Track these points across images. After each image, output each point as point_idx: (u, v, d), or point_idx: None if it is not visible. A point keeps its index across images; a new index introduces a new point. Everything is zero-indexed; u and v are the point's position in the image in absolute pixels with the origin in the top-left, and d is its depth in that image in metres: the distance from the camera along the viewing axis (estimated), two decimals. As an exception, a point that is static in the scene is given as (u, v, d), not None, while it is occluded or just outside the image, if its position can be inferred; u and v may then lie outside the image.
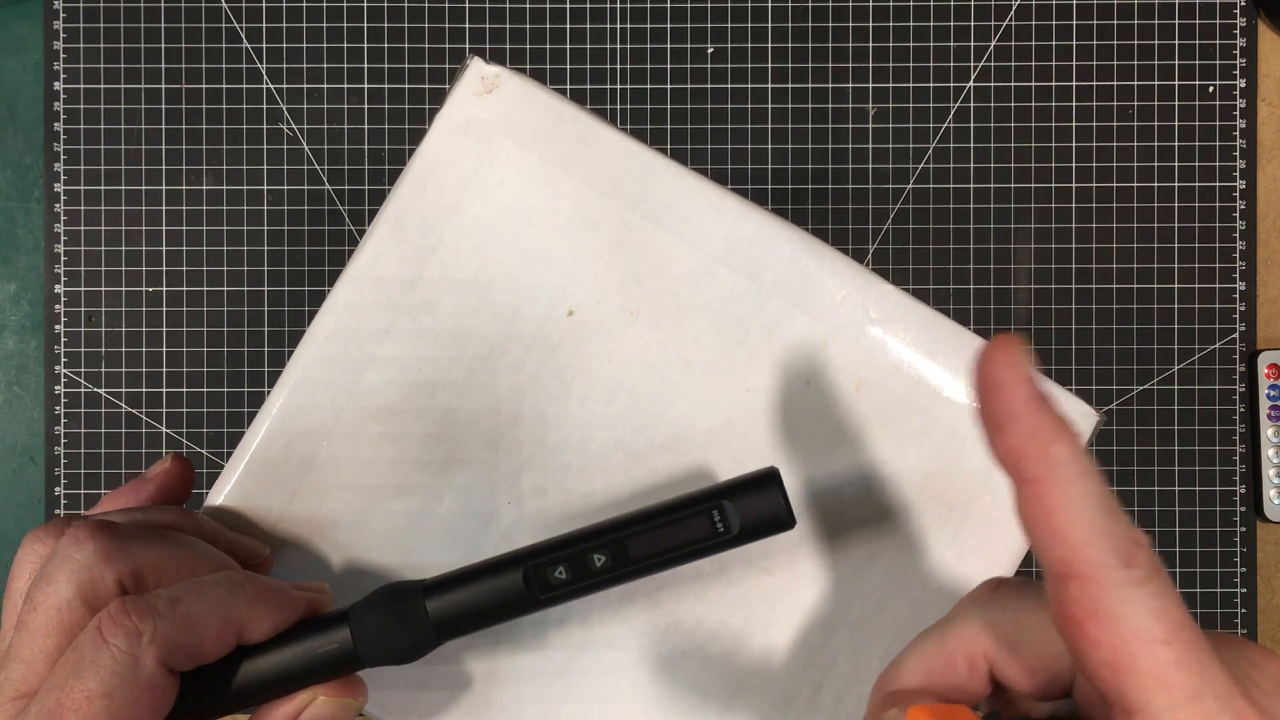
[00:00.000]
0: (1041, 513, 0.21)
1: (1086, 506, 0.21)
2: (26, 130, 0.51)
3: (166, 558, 0.25)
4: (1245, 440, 0.51)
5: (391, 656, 0.26)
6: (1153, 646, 0.20)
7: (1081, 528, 0.21)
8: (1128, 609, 0.20)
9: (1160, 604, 0.20)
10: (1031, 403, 0.21)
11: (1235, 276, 0.51)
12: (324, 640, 0.26)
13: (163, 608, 0.24)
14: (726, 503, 0.26)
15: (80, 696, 0.23)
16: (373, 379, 0.30)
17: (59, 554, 0.25)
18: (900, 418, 0.30)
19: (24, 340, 0.51)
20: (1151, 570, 0.21)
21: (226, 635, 0.25)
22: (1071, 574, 0.21)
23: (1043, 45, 0.51)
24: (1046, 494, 0.21)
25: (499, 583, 0.26)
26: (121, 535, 0.25)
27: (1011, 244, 0.51)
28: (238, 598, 0.25)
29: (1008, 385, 0.21)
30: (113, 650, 0.23)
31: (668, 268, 0.30)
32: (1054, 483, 0.21)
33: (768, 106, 0.51)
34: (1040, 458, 0.21)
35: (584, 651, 0.30)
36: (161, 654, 0.23)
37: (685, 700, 0.30)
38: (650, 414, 0.30)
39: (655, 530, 0.26)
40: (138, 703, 0.23)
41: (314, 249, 0.50)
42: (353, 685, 0.27)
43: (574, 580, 0.26)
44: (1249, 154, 0.51)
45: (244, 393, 0.50)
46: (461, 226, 0.30)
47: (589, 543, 0.26)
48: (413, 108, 0.51)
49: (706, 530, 0.26)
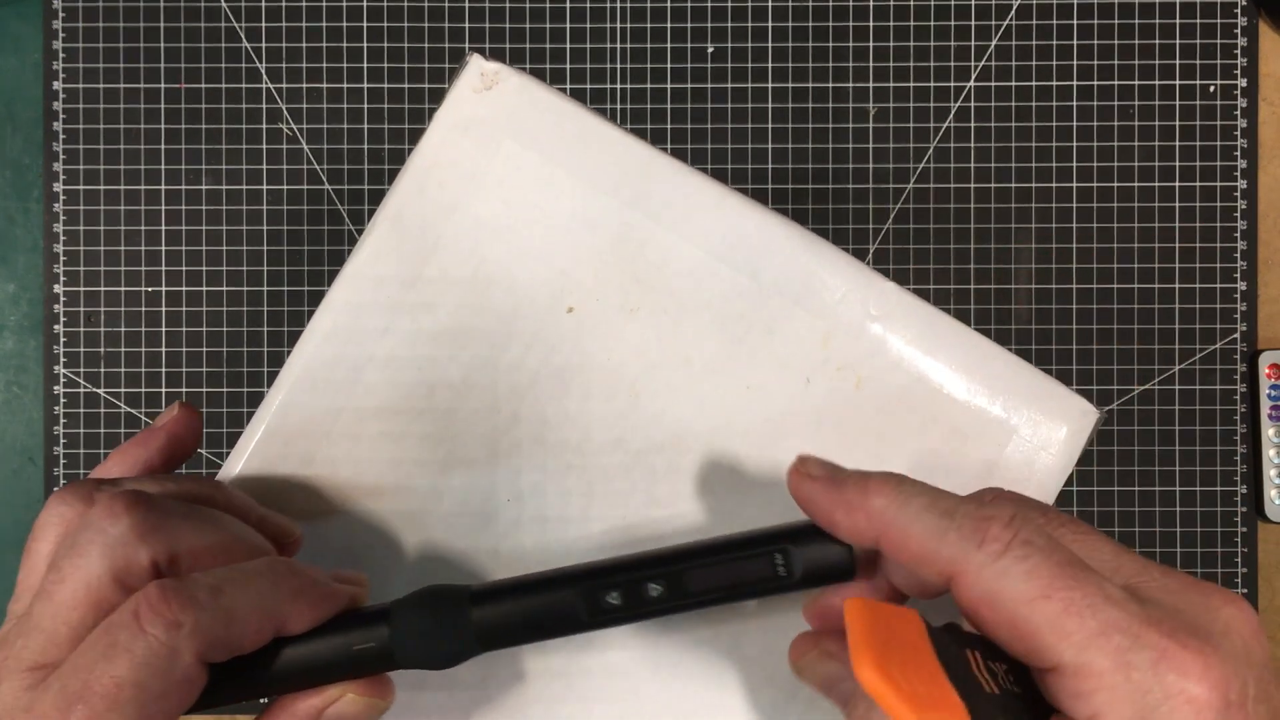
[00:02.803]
0: (899, 549, 0.23)
1: (922, 520, 0.23)
2: (26, 130, 0.51)
3: (202, 536, 0.24)
4: (1246, 440, 0.51)
5: (429, 661, 0.25)
6: (1036, 605, 0.21)
7: (929, 539, 0.22)
8: (1002, 582, 0.21)
9: (1026, 565, 0.21)
10: (828, 491, 0.24)
11: (1236, 276, 0.51)
12: (361, 637, 0.25)
13: (204, 598, 0.23)
14: (792, 548, 0.25)
15: (110, 682, 0.22)
16: (372, 378, 0.30)
17: (92, 525, 0.24)
18: (900, 415, 0.30)
19: (23, 340, 0.51)
20: (1007, 537, 0.22)
21: (266, 629, 0.24)
22: (947, 577, 0.22)
23: (1043, 45, 0.51)
24: (890, 535, 0.23)
25: (550, 600, 0.26)
26: (157, 510, 0.24)
27: (1011, 244, 0.51)
28: (280, 591, 0.24)
29: (806, 494, 0.25)
30: (150, 639, 0.22)
31: (668, 266, 0.30)
32: (888, 524, 0.23)
33: (768, 106, 0.51)
34: (868, 517, 0.24)
35: (584, 651, 0.30)
36: (200, 648, 0.23)
37: (685, 700, 0.30)
38: (650, 413, 0.30)
39: (714, 567, 0.25)
40: (167, 695, 0.22)
41: (314, 249, 0.50)
42: (382, 685, 0.26)
43: (627, 607, 0.25)
44: (1250, 154, 0.51)
45: (244, 393, 0.50)
46: (461, 225, 0.30)
47: (646, 571, 0.26)
48: (413, 108, 0.51)
49: (766, 572, 0.25)
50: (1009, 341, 0.50)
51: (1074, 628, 0.21)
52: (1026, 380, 0.30)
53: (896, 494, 0.23)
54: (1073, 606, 0.21)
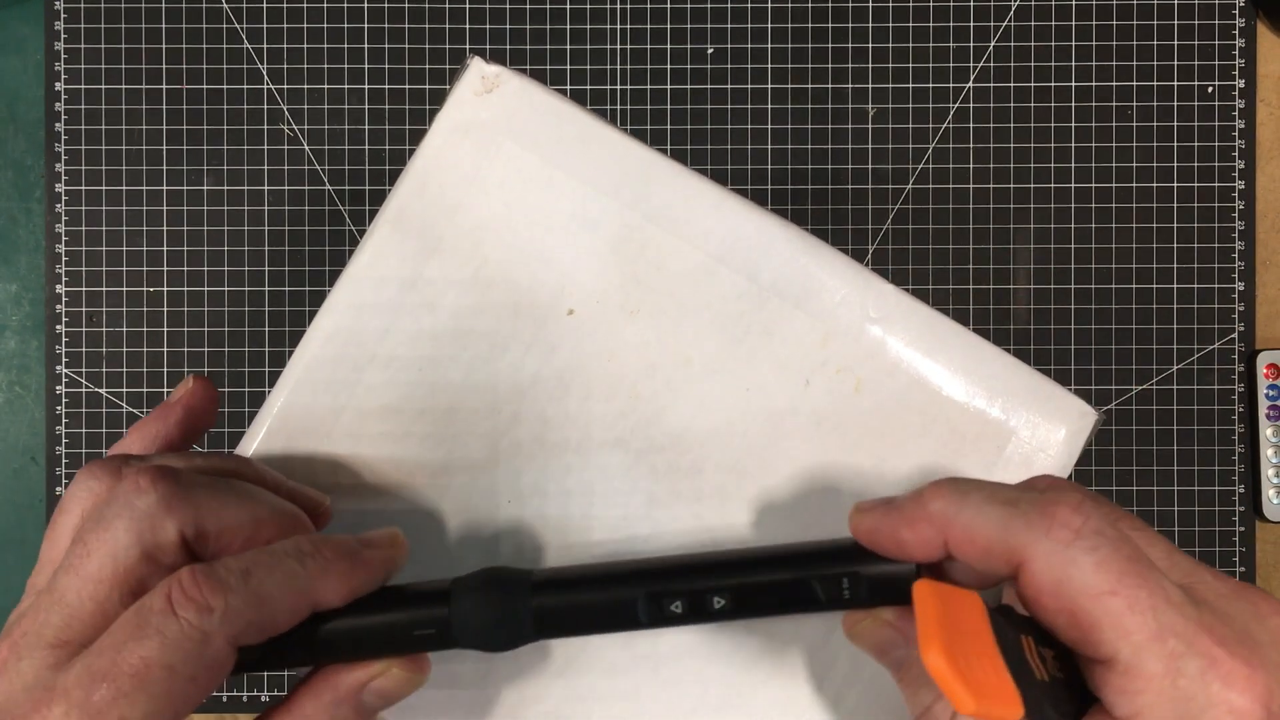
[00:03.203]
0: (967, 546, 0.23)
1: (984, 513, 0.23)
2: (27, 130, 0.51)
3: (230, 509, 0.24)
4: (1244, 440, 0.51)
5: (486, 644, 0.25)
6: (1102, 600, 0.21)
7: (995, 530, 0.22)
8: (1070, 571, 0.21)
9: (1095, 556, 0.21)
10: (888, 515, 0.24)
11: (1234, 276, 0.51)
12: (422, 616, 0.25)
13: (234, 582, 0.23)
14: (861, 571, 0.25)
15: (139, 661, 0.22)
16: (373, 379, 0.30)
17: (119, 500, 0.23)
18: (899, 416, 0.30)
19: (25, 340, 0.51)
20: (1077, 523, 0.22)
21: (300, 608, 0.24)
22: (1014, 566, 0.22)
23: (1042, 45, 0.51)
24: (956, 533, 0.23)
25: (611, 597, 0.25)
26: (184, 484, 0.24)
27: (1011, 244, 0.51)
28: (309, 568, 0.24)
29: (869, 526, 0.25)
30: (182, 623, 0.22)
31: (667, 267, 0.30)
32: (950, 523, 0.23)
33: (768, 107, 0.51)
34: (930, 524, 0.23)
35: (584, 652, 0.30)
36: (231, 633, 0.22)
37: (685, 700, 0.30)
38: (650, 413, 0.30)
39: (780, 585, 0.25)
40: (195, 679, 0.22)
41: (314, 249, 0.51)
42: (421, 661, 0.26)
43: (688, 615, 0.25)
44: (1248, 154, 0.51)
45: (244, 393, 0.50)
46: (462, 226, 0.30)
47: (711, 581, 0.25)
48: (413, 108, 0.51)
49: (832, 593, 0.25)
50: (1007, 342, 0.51)
51: (1134, 627, 0.21)
52: (1025, 381, 0.30)
53: (953, 493, 0.23)
54: (1137, 605, 0.21)
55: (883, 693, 0.29)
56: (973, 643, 0.21)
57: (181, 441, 0.28)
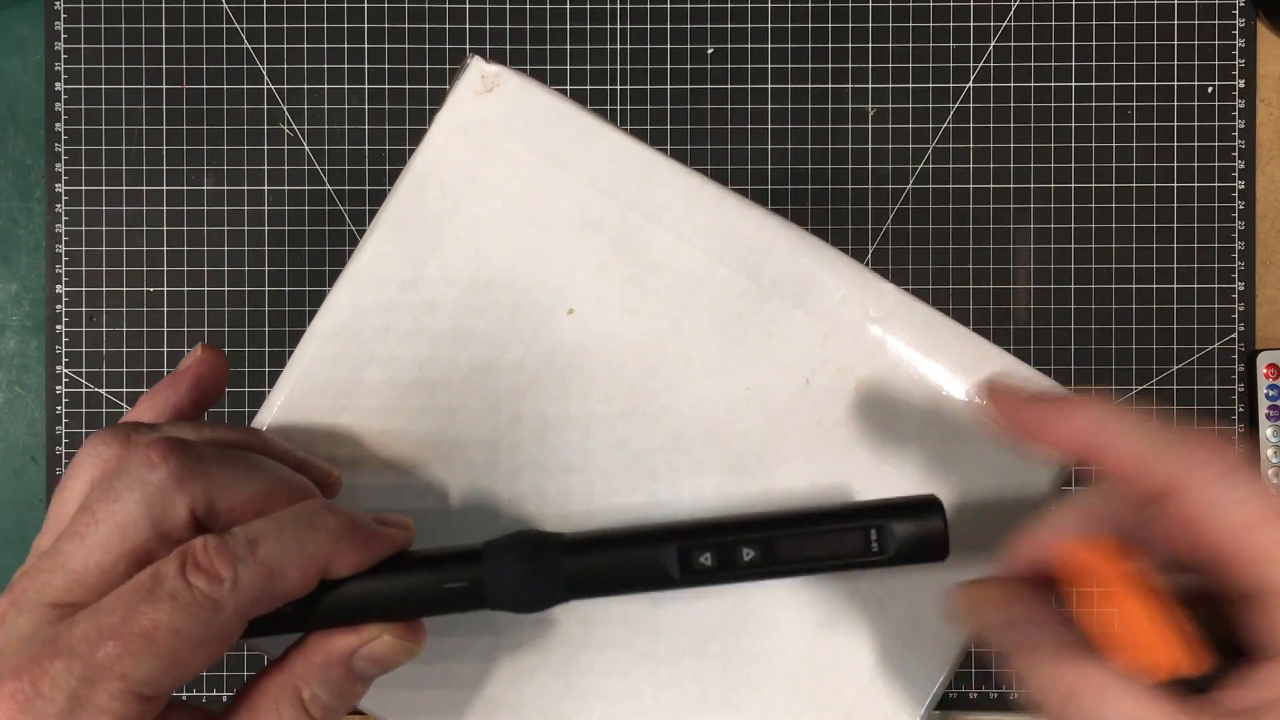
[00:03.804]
0: (1112, 460, 0.23)
1: (1135, 435, 0.23)
2: (27, 131, 0.51)
3: (240, 482, 0.24)
4: (1244, 440, 0.51)
5: (520, 604, 0.26)
6: (1252, 531, 0.21)
7: (1146, 452, 0.23)
8: (1219, 504, 0.22)
9: (1241, 491, 0.22)
10: (1033, 403, 0.25)
11: (1234, 277, 0.51)
12: (454, 575, 0.25)
13: (243, 553, 0.23)
14: (888, 524, 0.25)
15: (149, 622, 0.22)
16: (373, 378, 0.30)
17: (129, 472, 0.23)
18: (899, 416, 0.30)
19: (25, 340, 0.51)
20: (1222, 461, 0.22)
21: (309, 575, 0.24)
22: (1159, 494, 0.22)
23: (1042, 45, 0.51)
24: (1102, 445, 0.23)
25: (643, 555, 0.26)
26: (195, 457, 0.24)
27: (1011, 244, 0.51)
28: (319, 535, 0.24)
29: (1012, 407, 0.25)
30: (194, 592, 0.22)
31: (667, 267, 0.30)
32: (1098, 434, 0.23)
33: (768, 107, 0.51)
34: (1080, 428, 0.24)
35: (584, 651, 0.30)
36: (242, 604, 0.23)
37: (685, 700, 0.30)
38: (650, 413, 0.30)
39: (808, 537, 0.26)
40: (201, 646, 0.22)
41: (314, 249, 0.51)
42: (417, 630, 0.26)
43: (718, 569, 0.26)
44: (1248, 154, 0.51)
45: (244, 392, 0.50)
46: (461, 226, 0.30)
47: (740, 535, 0.26)
48: (413, 108, 0.51)
49: (859, 546, 0.25)
50: (1008, 342, 0.51)
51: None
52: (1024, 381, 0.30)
53: (1106, 407, 0.24)
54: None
55: (882, 692, 0.29)
56: (1147, 598, 0.22)
57: (192, 410, 0.28)
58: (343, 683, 0.25)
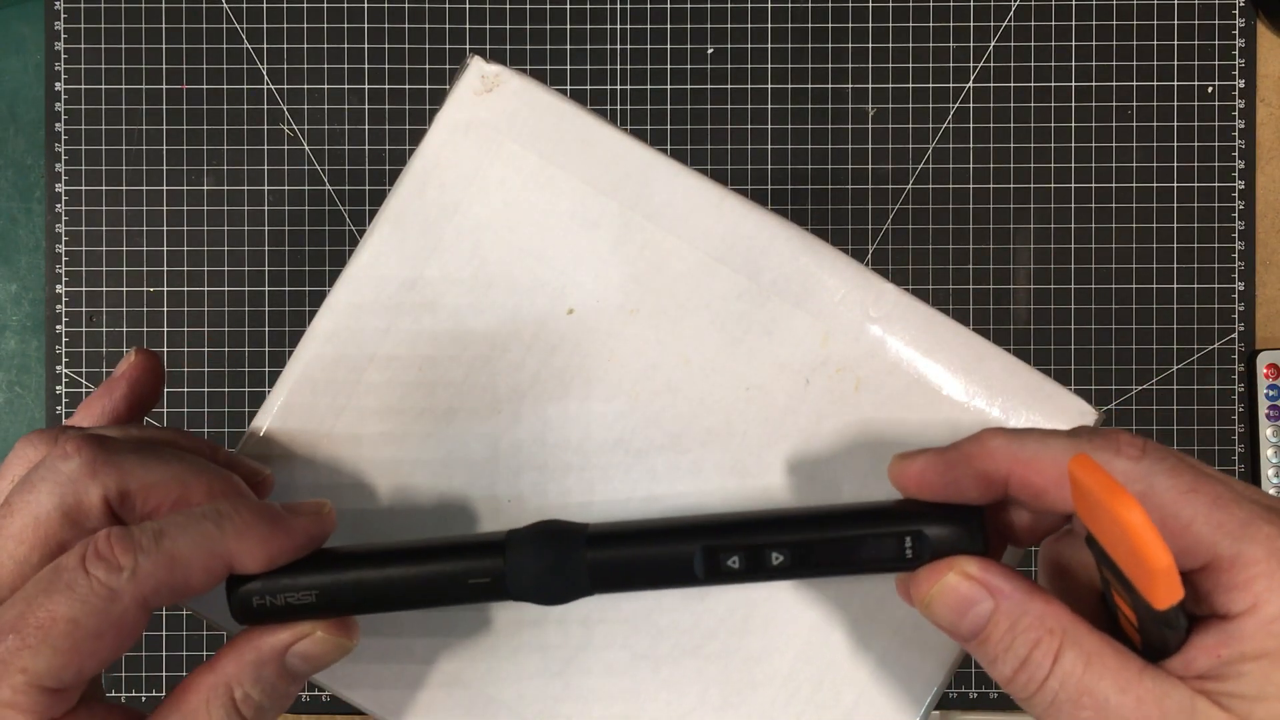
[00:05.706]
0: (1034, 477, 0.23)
1: (1048, 445, 0.23)
2: (28, 131, 0.51)
3: (156, 474, 0.24)
4: (1244, 440, 0.51)
5: (540, 595, 0.25)
6: (1187, 499, 0.21)
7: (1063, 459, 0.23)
8: (1149, 481, 0.22)
9: (1167, 464, 0.22)
10: (941, 458, 0.25)
11: (1234, 276, 0.51)
12: (477, 566, 0.25)
13: (146, 543, 0.23)
14: (925, 531, 0.25)
15: (45, 615, 0.22)
16: (373, 378, 0.30)
17: (45, 464, 0.24)
18: (899, 416, 0.30)
19: (25, 340, 0.51)
20: (1140, 443, 0.22)
21: (215, 570, 0.24)
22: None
23: (1042, 45, 0.51)
24: (1019, 467, 0.23)
25: (668, 552, 0.25)
26: (111, 450, 0.24)
27: (1011, 244, 0.51)
28: (225, 531, 0.24)
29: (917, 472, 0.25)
30: (92, 581, 0.22)
31: (667, 266, 0.30)
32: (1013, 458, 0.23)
33: (768, 107, 0.51)
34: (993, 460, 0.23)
35: (584, 651, 0.30)
36: (141, 592, 0.23)
37: (685, 700, 0.30)
38: (650, 413, 0.30)
39: (840, 542, 0.25)
40: (102, 636, 0.22)
41: (314, 249, 0.51)
42: (348, 626, 0.26)
43: (746, 571, 0.25)
44: (1248, 154, 0.51)
45: (244, 393, 0.50)
46: (461, 226, 0.30)
47: (770, 537, 0.25)
48: (413, 108, 0.51)
49: (893, 552, 0.25)
50: (1007, 342, 0.51)
51: (1224, 519, 0.21)
52: (1025, 381, 0.30)
53: (1010, 432, 0.24)
54: (1220, 500, 0.21)
55: (882, 692, 0.29)
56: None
57: (128, 415, 0.29)
58: (275, 681, 0.25)
